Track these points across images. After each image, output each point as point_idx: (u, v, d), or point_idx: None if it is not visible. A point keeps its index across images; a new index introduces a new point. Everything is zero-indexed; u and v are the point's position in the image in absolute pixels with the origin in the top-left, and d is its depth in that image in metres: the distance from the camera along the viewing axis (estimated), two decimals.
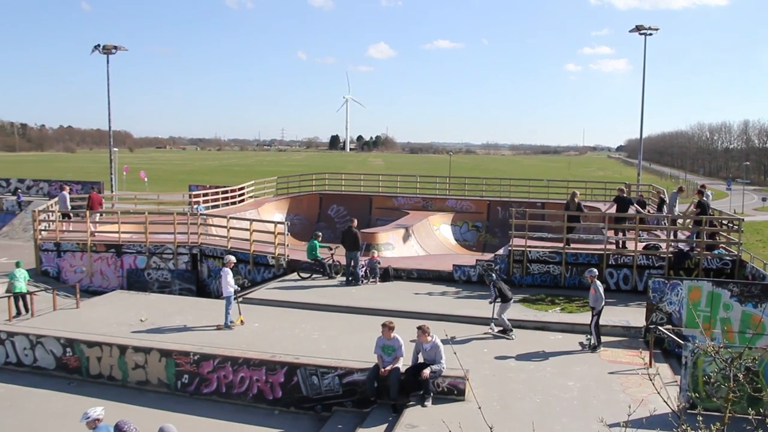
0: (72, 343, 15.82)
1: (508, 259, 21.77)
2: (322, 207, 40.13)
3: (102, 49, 43.09)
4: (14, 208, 47.86)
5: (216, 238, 26.95)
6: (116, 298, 21.79)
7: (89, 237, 27.12)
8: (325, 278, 22.68)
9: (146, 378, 15.04)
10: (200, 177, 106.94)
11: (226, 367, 14.18)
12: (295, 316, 18.27)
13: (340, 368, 13.34)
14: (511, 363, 14.41)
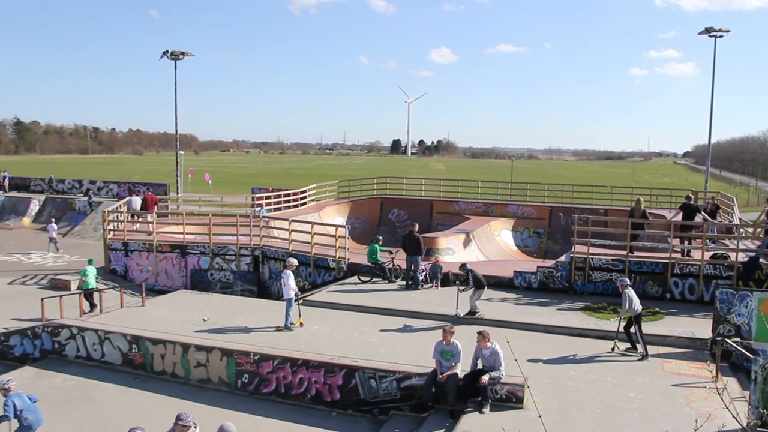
0: (137, 339, 16.24)
1: (569, 266, 21.45)
2: (383, 211, 40.24)
3: (170, 55, 44.18)
4: (86, 209, 49.42)
5: (277, 241, 27.27)
6: (180, 297, 22.25)
7: (155, 237, 27.77)
8: (385, 282, 22.71)
9: (207, 376, 15.32)
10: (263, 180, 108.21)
11: (286, 368, 14.35)
12: (355, 319, 18.35)
13: (398, 372, 13.35)
14: (571, 372, 14.18)
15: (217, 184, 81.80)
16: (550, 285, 21.56)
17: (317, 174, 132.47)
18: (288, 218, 27.36)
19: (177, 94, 45.64)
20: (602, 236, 23.39)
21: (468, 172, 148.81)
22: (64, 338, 17.32)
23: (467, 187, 45.32)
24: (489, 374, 12.23)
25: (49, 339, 17.53)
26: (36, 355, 17.72)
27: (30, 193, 56.75)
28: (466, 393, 12.48)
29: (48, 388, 15.36)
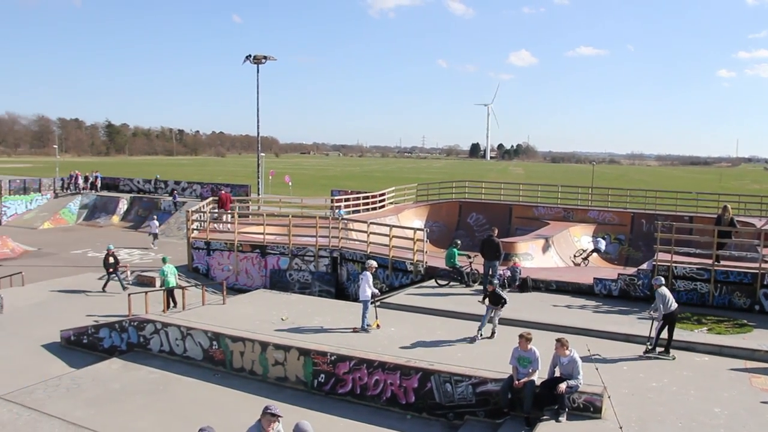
0: (218, 336, 16.63)
1: (651, 274, 20.85)
2: (462, 215, 40.07)
3: (252, 59, 45.05)
4: (170, 208, 50.95)
5: (356, 243, 27.45)
6: (259, 296, 22.65)
7: (236, 237, 28.37)
8: (462, 286, 22.59)
9: (285, 375, 15.56)
10: (342, 182, 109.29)
11: (362, 369, 14.43)
12: (432, 322, 18.31)
13: (474, 377, 13.26)
14: (652, 383, 13.77)
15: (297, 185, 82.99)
16: (631, 293, 21.03)
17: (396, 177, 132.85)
18: (367, 221, 27.54)
19: (259, 97, 46.51)
20: (687, 244, 22.64)
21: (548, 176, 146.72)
22: (149, 333, 17.90)
23: (547, 191, 44.70)
24: (567, 382, 12.01)
25: (135, 333, 18.16)
26: (123, 347, 18.38)
27: (119, 192, 58.91)
28: (543, 401, 12.30)
29: (133, 380, 15.93)
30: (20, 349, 19.07)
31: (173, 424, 13.49)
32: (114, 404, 14.45)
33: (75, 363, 17.98)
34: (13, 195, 55.11)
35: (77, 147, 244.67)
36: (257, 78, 45.73)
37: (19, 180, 58.25)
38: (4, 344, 19.55)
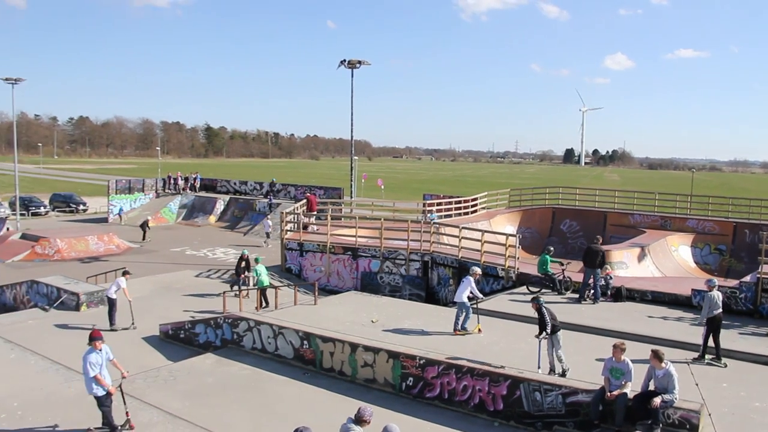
0: (309, 336, 16.90)
1: (756, 287, 19.96)
2: (555, 221, 39.43)
3: (347, 64, 45.53)
4: (265, 209, 52.11)
5: (447, 247, 27.41)
6: (350, 298, 22.90)
7: (329, 239, 28.78)
8: (554, 294, 22.21)
9: (373, 376, 15.66)
10: (434, 186, 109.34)
11: (450, 374, 14.39)
12: (522, 329, 18.06)
13: (564, 387, 13.01)
14: (755, 403, 13.12)
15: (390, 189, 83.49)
16: (733, 306, 20.15)
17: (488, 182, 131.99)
18: (458, 225, 27.44)
19: (353, 101, 46.98)
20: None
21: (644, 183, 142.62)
22: (242, 330, 18.37)
23: (643, 199, 43.37)
24: (661, 396, 11.62)
25: (229, 330, 18.67)
26: (217, 343, 18.94)
27: (216, 193, 60.69)
28: (636, 414, 11.94)
29: (226, 375, 16.38)
30: (123, 341, 19.95)
31: (263, 420, 13.79)
32: (208, 397, 14.90)
33: (172, 356, 18.69)
34: (119, 194, 57.82)
35: (178, 149, 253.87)
36: (351, 82, 46.21)
37: (124, 180, 61.05)
38: (109, 335, 20.41)
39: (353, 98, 46.81)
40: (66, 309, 23.45)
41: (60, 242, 39.58)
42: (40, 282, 25.18)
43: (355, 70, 46.24)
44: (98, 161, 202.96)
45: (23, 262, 37.63)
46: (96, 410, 12.59)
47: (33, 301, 25.10)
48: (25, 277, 28.56)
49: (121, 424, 12.67)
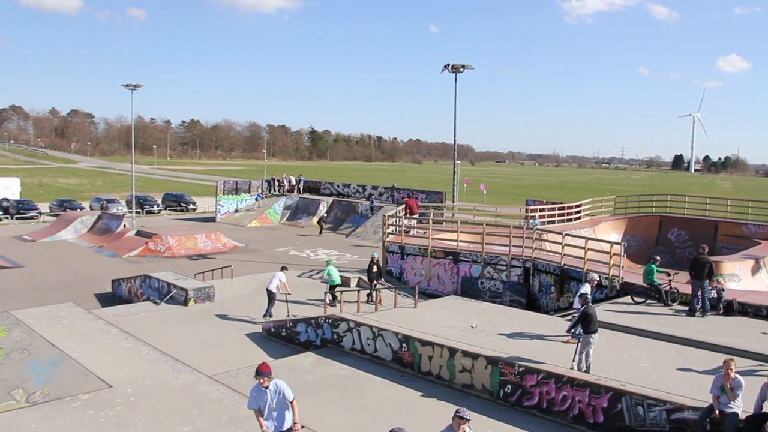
0: (408, 339, 16.98)
1: None
2: (662, 230, 38.09)
3: (451, 68, 45.49)
4: (367, 212, 52.69)
5: (549, 254, 26.95)
6: (450, 302, 22.85)
7: (430, 243, 28.82)
8: (659, 305, 21.48)
9: (471, 382, 15.59)
10: (537, 192, 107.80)
11: (550, 383, 14.16)
12: (625, 340, 17.59)
13: (669, 402, 12.56)
14: None
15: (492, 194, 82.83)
16: None
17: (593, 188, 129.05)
18: (561, 232, 26.95)
19: (456, 105, 46.88)
20: None
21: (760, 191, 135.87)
22: (342, 330, 18.66)
23: (759, 208, 41.24)
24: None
25: (330, 330, 19.00)
26: (317, 342, 19.31)
27: (320, 195, 61.81)
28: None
29: (325, 374, 16.68)
30: (227, 336, 20.67)
31: (361, 420, 13.96)
32: (307, 395, 15.18)
33: (273, 353, 19.18)
34: (227, 195, 59.84)
35: (283, 151, 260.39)
36: (455, 86, 46.13)
37: (231, 181, 63.17)
38: (215, 330, 21.30)
39: (456, 102, 46.74)
40: (175, 303, 24.46)
41: (171, 239, 41.25)
42: (153, 277, 26.37)
43: (458, 74, 46.17)
44: (207, 163, 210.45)
45: (137, 257, 39.45)
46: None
47: (146, 294, 26.31)
48: (139, 271, 29.96)
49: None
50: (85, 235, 47.08)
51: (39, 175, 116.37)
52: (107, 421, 13.08)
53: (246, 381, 15.84)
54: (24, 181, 78.21)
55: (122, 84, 51.66)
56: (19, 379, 16.41)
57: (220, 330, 21.40)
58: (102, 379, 15.47)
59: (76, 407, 13.82)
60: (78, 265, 37.18)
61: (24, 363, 17.28)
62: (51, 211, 61.13)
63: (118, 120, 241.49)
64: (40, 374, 16.42)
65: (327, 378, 16.48)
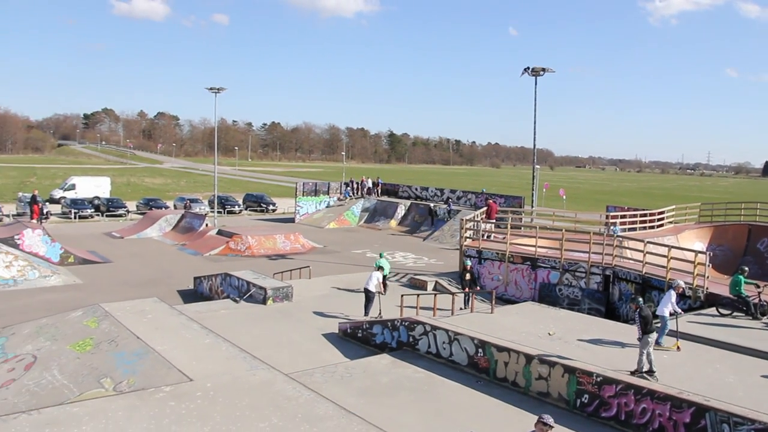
0: (484, 344, 16.86)
1: None
2: (751, 239, 36.67)
3: (531, 72, 44.92)
4: (445, 216, 52.55)
5: (630, 262, 26.33)
6: (528, 308, 22.59)
7: (508, 248, 28.55)
8: (747, 318, 20.69)
9: (547, 390, 15.36)
10: (618, 198, 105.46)
11: (629, 395, 13.81)
12: (709, 354, 17.00)
13: (758, 422, 11.98)
14: None
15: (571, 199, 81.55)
16: None
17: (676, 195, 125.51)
18: (643, 239, 26.28)
19: (536, 109, 46.27)
20: None
21: None
22: (418, 333, 18.66)
23: None
24: None
25: (406, 332, 19.03)
26: (393, 345, 19.36)
27: (397, 198, 61.97)
28: None
29: (400, 377, 16.71)
30: (304, 336, 20.97)
31: (435, 424, 13.92)
32: (382, 397, 15.28)
33: (349, 354, 19.35)
34: (306, 196, 60.73)
35: (362, 154, 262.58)
36: (535, 90, 45.41)
37: (311, 183, 64.15)
38: (292, 329, 21.63)
39: (536, 106, 46.13)
40: (254, 302, 24.94)
41: (251, 239, 42.07)
42: (233, 275, 26.95)
43: (538, 77, 45.55)
44: (287, 164, 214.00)
45: (218, 255, 40.38)
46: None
47: (226, 292, 26.91)
48: (219, 269, 30.67)
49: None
50: (169, 233, 48.54)
51: (127, 174, 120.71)
52: (187, 413, 13.45)
53: (321, 380, 16.07)
54: (114, 181, 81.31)
55: (206, 87, 53.01)
56: (107, 368, 17.08)
57: (297, 329, 21.72)
58: (183, 373, 15.92)
59: (158, 398, 14.27)
60: (162, 262, 38.35)
61: (112, 353, 17.96)
62: (138, 210, 63.36)
63: (201, 122, 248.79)
64: (126, 365, 17.06)
65: (402, 380, 16.51)
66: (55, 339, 19.68)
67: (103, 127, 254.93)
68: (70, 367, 17.61)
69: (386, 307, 23.04)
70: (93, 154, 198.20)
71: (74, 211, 58.85)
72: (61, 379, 16.99)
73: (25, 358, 18.77)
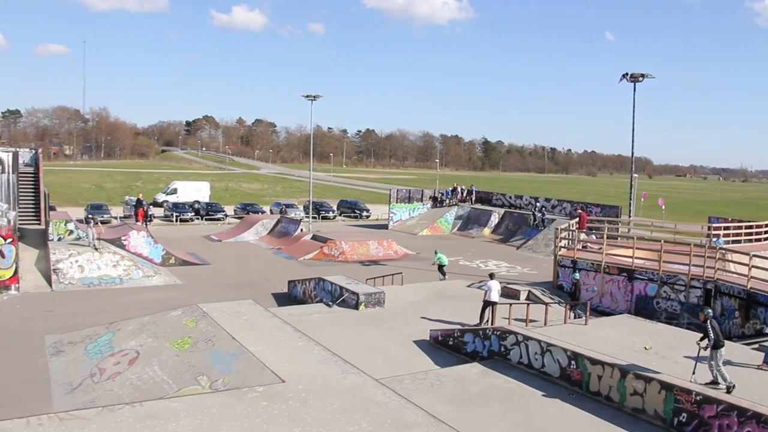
0: (577, 356, 16.52)
1: None
2: None
3: (629, 78, 43.78)
4: (539, 224, 51.80)
5: (734, 276, 25.27)
6: (623, 321, 22.00)
7: (603, 258, 27.90)
8: None
9: (643, 406, 14.90)
10: (721, 209, 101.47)
11: (732, 416, 13.21)
12: None
13: None
14: None
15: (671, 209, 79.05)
16: None
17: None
18: (749, 252, 25.17)
19: (635, 116, 45.04)
20: None
21: None
22: (510, 343, 18.45)
23: None
24: None
25: (497, 342, 18.86)
26: (484, 354, 19.21)
27: (491, 206, 61.41)
28: None
29: (490, 386, 16.58)
30: (395, 342, 21.06)
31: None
32: (471, 406, 15.17)
33: (439, 361, 19.31)
34: (399, 203, 61.08)
35: (455, 161, 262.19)
36: (633, 96, 44.19)
37: (404, 190, 64.44)
38: (383, 335, 21.77)
39: (635, 113, 44.93)
40: (346, 307, 25.21)
41: (344, 245, 42.57)
42: (326, 280, 27.33)
43: (637, 83, 44.37)
44: (381, 171, 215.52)
45: (312, 260, 41.04)
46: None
47: (319, 296, 27.32)
48: (313, 274, 31.19)
49: None
50: (265, 238, 49.69)
51: (226, 179, 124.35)
52: (279, 414, 13.74)
53: (411, 387, 16.10)
54: (213, 185, 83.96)
55: (302, 95, 54.05)
56: (204, 366, 17.67)
57: (388, 335, 21.84)
58: (276, 374, 16.27)
59: (252, 398, 14.63)
60: (257, 265, 39.28)
61: (208, 352, 18.57)
62: (235, 214, 65.23)
63: (298, 129, 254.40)
64: (222, 364, 17.60)
65: (492, 390, 16.36)
66: (156, 336, 20.53)
67: (203, 133, 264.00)
68: (170, 363, 18.32)
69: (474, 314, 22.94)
70: (194, 160, 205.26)
71: (176, 214, 61.24)
72: (161, 374, 17.70)
73: (130, 353, 19.70)
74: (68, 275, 31.12)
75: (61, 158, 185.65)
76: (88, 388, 17.84)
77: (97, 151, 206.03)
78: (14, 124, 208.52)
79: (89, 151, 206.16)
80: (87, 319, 24.46)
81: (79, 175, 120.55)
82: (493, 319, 22.40)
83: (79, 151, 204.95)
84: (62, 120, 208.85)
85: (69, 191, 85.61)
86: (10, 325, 24.37)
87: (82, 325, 23.55)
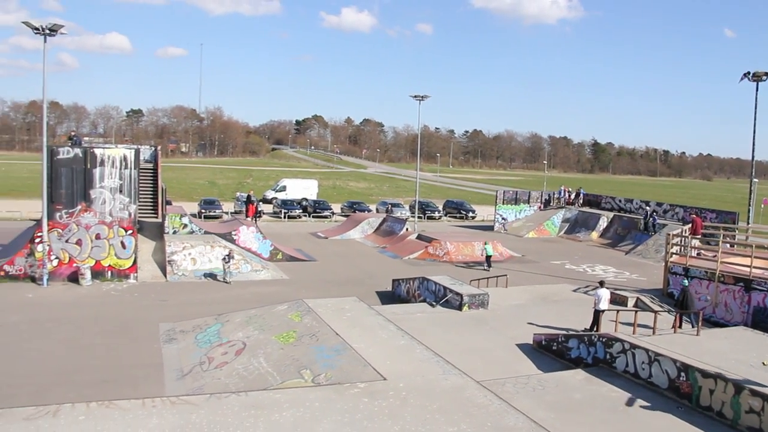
0: (687, 368, 15.89)
1: None
2: None
3: (751, 77, 41.75)
4: (650, 229, 50.22)
5: None
6: (738, 334, 21.06)
7: (718, 267, 26.74)
8: None
9: (759, 426, 14.15)
10: None
11: None
12: None
13: None
14: None
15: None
16: None
17: None
18: None
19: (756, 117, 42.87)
20: None
21: None
22: (616, 351, 17.95)
23: None
24: None
25: (603, 349, 18.38)
26: (588, 360, 18.76)
27: (600, 209, 59.93)
28: None
29: (594, 394, 16.18)
30: (498, 344, 20.88)
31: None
32: (573, 414, 14.86)
33: (542, 366, 19.01)
34: (506, 204, 60.47)
35: (564, 163, 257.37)
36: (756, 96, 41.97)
37: (511, 191, 63.82)
38: (486, 337, 21.63)
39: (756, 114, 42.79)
40: (449, 307, 25.17)
41: (449, 245, 42.48)
42: (430, 279, 27.38)
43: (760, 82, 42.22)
44: (488, 172, 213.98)
45: (417, 260, 41.19)
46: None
47: (422, 296, 27.39)
48: (417, 273, 31.31)
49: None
50: (371, 236, 50.24)
51: (333, 178, 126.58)
52: (380, 411, 13.90)
53: (513, 390, 15.93)
54: (321, 183, 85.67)
55: (410, 95, 54.32)
56: (308, 360, 18.11)
57: (491, 337, 21.67)
58: (377, 371, 16.47)
59: (353, 393, 14.87)
60: (362, 263, 39.78)
61: (312, 347, 19.00)
62: (342, 212, 66.31)
63: (405, 129, 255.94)
64: (325, 359, 18.00)
65: (596, 398, 15.97)
66: (263, 329, 21.17)
67: (312, 132, 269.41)
68: (275, 356, 18.85)
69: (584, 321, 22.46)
70: (303, 158, 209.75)
71: (284, 211, 62.79)
72: (266, 366, 18.25)
73: (237, 344, 20.41)
74: (182, 267, 32.59)
75: (177, 155, 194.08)
76: (197, 375, 18.61)
77: (210, 149, 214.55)
78: (137, 123, 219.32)
79: (203, 149, 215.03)
80: (197, 310, 25.53)
81: (193, 172, 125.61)
82: (598, 326, 21.88)
83: (194, 148, 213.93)
84: (179, 119, 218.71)
85: (184, 187, 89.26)
86: (129, 313, 25.69)
87: (193, 315, 24.59)
